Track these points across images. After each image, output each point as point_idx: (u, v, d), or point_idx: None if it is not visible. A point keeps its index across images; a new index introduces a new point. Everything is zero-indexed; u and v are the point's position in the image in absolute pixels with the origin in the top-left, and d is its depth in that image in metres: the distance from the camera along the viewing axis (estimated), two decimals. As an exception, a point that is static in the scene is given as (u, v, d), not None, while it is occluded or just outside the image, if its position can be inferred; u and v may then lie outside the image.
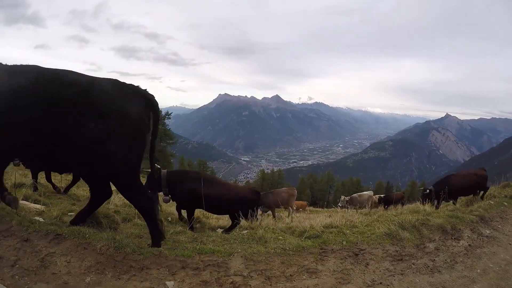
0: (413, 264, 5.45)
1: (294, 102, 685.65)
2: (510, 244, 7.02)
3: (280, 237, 6.16)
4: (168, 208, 10.42)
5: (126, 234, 5.35)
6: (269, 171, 67.09)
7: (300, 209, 21.46)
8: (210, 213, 9.41)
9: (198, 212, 9.13)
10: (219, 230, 7.26)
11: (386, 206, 20.20)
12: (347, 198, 19.51)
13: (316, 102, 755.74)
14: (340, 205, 18.56)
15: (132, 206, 5.74)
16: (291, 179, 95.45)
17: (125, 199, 5.54)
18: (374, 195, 22.17)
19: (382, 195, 23.53)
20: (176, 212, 8.39)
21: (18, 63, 4.21)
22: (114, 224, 5.66)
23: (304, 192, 59.76)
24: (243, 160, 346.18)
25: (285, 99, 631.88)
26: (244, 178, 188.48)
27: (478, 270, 5.50)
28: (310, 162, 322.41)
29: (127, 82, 4.51)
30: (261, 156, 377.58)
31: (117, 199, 8.04)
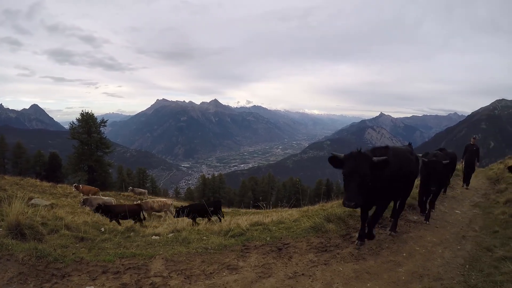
0: (338, 254, 5.79)
1: (232, 106, 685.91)
2: (437, 227, 7.74)
3: (204, 238, 6.45)
4: (103, 220, 10.32)
5: (50, 244, 5.35)
6: (210, 177, 66.57)
7: (90, 194, 21.06)
8: (147, 223, 11.29)
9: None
10: (154, 237, 7.33)
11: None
12: (82, 199, 18.91)
13: (254, 106, 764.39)
14: (80, 205, 18.42)
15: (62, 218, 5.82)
16: (233, 183, 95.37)
17: (56, 213, 5.46)
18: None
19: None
20: (110, 224, 9.49)
21: None
22: (39, 235, 5.60)
23: (246, 195, 60.05)
24: (184, 166, 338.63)
25: (223, 103, 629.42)
26: (186, 184, 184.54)
27: (404, 254, 5.95)
28: (250, 165, 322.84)
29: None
30: (202, 162, 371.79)
31: (44, 211, 7.84)
